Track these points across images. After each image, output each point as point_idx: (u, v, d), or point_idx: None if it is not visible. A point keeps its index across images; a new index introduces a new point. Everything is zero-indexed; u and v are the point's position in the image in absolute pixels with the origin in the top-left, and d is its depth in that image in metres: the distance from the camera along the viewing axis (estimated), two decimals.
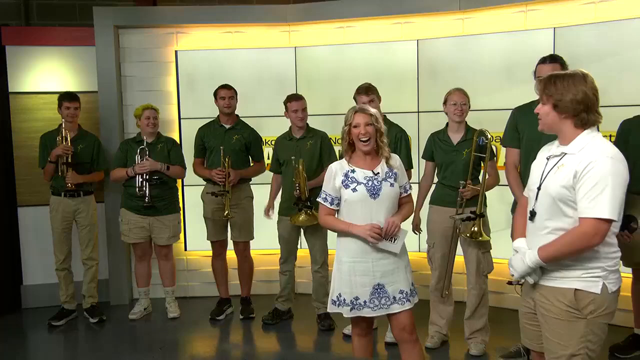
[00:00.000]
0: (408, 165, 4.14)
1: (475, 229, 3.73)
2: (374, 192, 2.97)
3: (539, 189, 2.40)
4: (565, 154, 2.35)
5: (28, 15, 5.86)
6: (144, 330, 4.78)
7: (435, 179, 4.09)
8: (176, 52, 5.30)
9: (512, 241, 2.58)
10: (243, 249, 4.85)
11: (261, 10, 5.45)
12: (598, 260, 2.32)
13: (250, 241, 4.87)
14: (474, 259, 3.88)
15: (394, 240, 2.99)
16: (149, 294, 5.00)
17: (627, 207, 3.56)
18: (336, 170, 3.04)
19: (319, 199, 3.10)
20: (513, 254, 2.50)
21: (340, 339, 4.32)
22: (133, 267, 5.12)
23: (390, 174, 3.03)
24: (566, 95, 2.30)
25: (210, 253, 4.93)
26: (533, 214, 2.41)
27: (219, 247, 4.88)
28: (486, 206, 3.88)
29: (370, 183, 2.98)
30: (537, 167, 2.49)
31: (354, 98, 4.10)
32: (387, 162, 3.04)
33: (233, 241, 4.86)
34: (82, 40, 5.20)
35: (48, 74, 5.19)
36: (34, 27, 5.72)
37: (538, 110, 2.42)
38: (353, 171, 3.01)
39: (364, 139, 2.97)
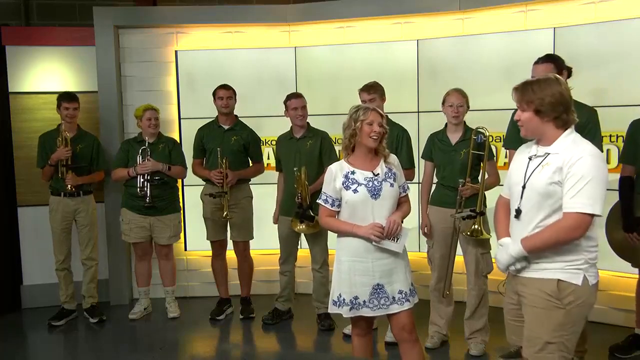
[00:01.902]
0: (410, 165, 4.15)
1: (476, 226, 3.74)
2: (374, 193, 2.99)
3: (523, 187, 2.47)
4: (549, 153, 2.44)
5: (28, 15, 5.86)
6: (144, 330, 4.78)
7: (435, 180, 4.09)
8: (176, 52, 5.30)
9: (497, 240, 2.65)
10: (243, 249, 4.85)
11: (261, 10, 5.45)
12: (579, 253, 2.42)
13: (250, 241, 4.87)
14: (473, 259, 3.89)
15: (397, 240, 3.00)
16: (149, 293, 5.00)
17: (637, 209, 3.58)
18: (336, 172, 3.04)
19: (319, 201, 3.09)
20: (498, 249, 2.59)
21: (340, 339, 4.32)
22: (133, 267, 5.12)
23: (390, 174, 3.05)
24: (546, 99, 2.38)
25: (210, 253, 4.93)
26: (519, 212, 2.49)
27: (218, 247, 4.88)
28: (486, 206, 3.88)
29: (370, 184, 2.99)
30: (518, 166, 2.56)
31: (359, 93, 4.14)
32: (385, 161, 3.06)
33: (233, 241, 4.86)
34: (82, 40, 5.20)
35: (48, 74, 5.19)
36: (34, 27, 5.72)
37: (518, 118, 2.49)
38: (353, 172, 3.02)
39: (375, 137, 2.99)
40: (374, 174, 3.01)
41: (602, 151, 3.52)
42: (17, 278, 5.21)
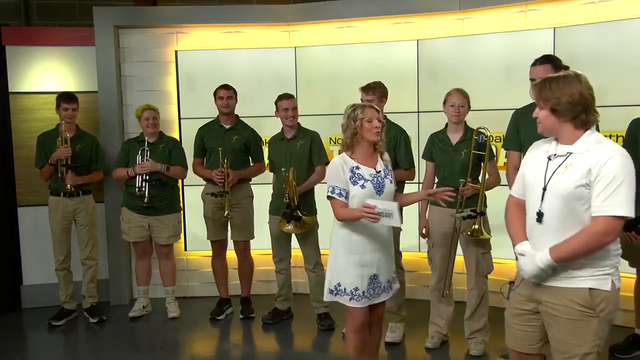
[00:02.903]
0: (409, 165, 4.15)
1: (476, 226, 3.74)
2: (379, 189, 3.10)
3: (544, 189, 2.36)
4: (571, 153, 2.33)
5: (28, 15, 5.86)
6: (144, 330, 4.78)
7: (435, 180, 4.09)
8: (176, 52, 5.30)
9: (513, 246, 2.50)
10: (243, 249, 4.85)
11: (261, 10, 5.45)
12: (608, 258, 2.33)
13: (250, 241, 4.87)
14: (473, 259, 3.89)
15: (391, 215, 2.96)
16: (149, 293, 5.00)
17: (635, 208, 3.58)
18: (342, 165, 3.10)
19: (333, 195, 3.08)
20: (520, 258, 2.44)
21: (340, 339, 4.32)
22: (133, 266, 5.13)
23: (387, 170, 3.18)
24: (562, 98, 2.28)
25: (210, 253, 4.93)
26: (541, 215, 2.37)
27: (218, 247, 4.88)
28: (486, 206, 3.88)
29: (375, 180, 3.10)
30: (535, 165, 2.45)
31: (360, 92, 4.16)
32: (382, 158, 3.20)
33: (233, 241, 4.86)
34: (82, 40, 5.20)
35: (48, 74, 5.19)
36: (34, 27, 5.72)
37: (536, 115, 2.40)
38: (358, 168, 3.10)
39: (377, 131, 3.09)
40: (376, 171, 3.12)
41: None
42: (17, 278, 5.21)
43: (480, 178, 3.88)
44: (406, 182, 4.25)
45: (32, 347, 4.56)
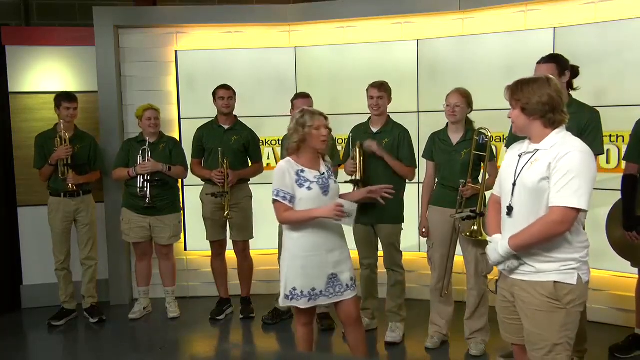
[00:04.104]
0: (411, 163, 4.17)
1: (475, 227, 3.73)
2: (324, 190, 3.19)
3: (514, 184, 2.51)
4: (538, 150, 2.48)
5: (28, 15, 5.86)
6: (144, 330, 4.78)
7: (435, 179, 4.09)
8: (176, 52, 5.30)
9: (487, 237, 2.70)
10: (242, 249, 4.85)
11: (261, 10, 5.45)
12: (572, 252, 2.44)
13: (250, 241, 4.88)
14: (472, 259, 3.89)
15: (349, 216, 3.12)
16: (149, 293, 5.00)
17: (638, 208, 3.58)
18: (287, 169, 3.15)
19: (277, 198, 3.14)
20: (488, 245, 2.64)
21: (340, 339, 4.32)
22: (133, 267, 5.13)
23: (330, 171, 3.27)
24: (532, 99, 2.45)
25: (210, 253, 4.93)
26: (510, 209, 2.52)
27: (218, 247, 4.88)
28: (486, 207, 3.87)
29: (320, 181, 3.19)
30: (508, 164, 2.60)
31: (367, 90, 4.19)
32: (324, 159, 3.29)
33: (232, 241, 4.86)
34: (82, 40, 5.20)
35: (48, 74, 5.19)
36: (34, 27, 5.72)
37: (510, 115, 2.57)
38: (303, 171, 3.17)
39: (324, 140, 3.18)
40: (320, 173, 3.20)
41: (603, 152, 3.51)
42: (17, 278, 5.21)
43: (480, 178, 3.88)
44: (407, 182, 4.25)
45: (32, 347, 4.56)
